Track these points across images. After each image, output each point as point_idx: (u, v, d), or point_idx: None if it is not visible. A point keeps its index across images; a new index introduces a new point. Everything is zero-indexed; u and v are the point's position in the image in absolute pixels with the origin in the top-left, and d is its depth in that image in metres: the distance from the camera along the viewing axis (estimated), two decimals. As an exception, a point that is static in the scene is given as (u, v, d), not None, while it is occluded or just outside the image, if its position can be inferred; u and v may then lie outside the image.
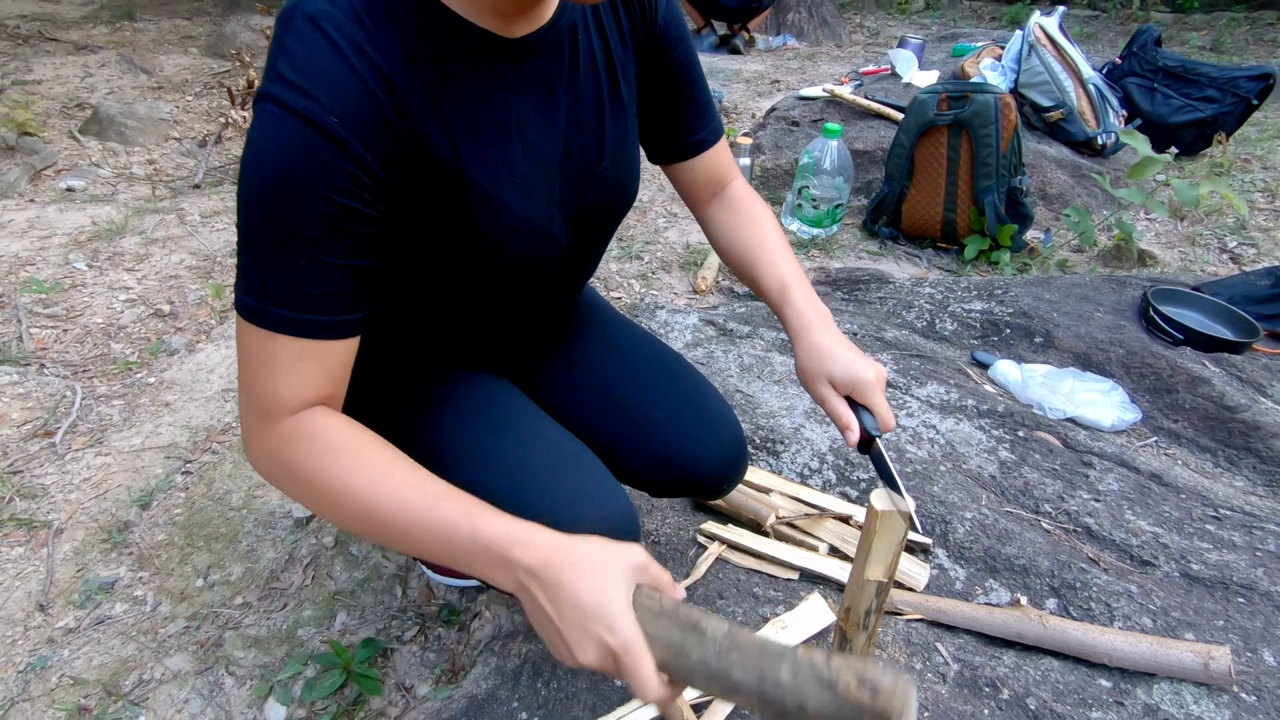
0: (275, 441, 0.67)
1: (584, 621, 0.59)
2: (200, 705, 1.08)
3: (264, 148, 0.61)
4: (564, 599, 0.59)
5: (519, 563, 0.61)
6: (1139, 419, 1.55)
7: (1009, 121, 2.22)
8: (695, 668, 0.58)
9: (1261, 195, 2.88)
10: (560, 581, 0.60)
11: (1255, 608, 1.06)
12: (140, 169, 2.84)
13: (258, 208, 0.62)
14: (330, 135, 0.61)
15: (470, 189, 0.71)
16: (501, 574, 0.62)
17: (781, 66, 4.69)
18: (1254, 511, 1.26)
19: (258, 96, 0.63)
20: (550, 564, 0.60)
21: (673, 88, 0.92)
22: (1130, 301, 1.88)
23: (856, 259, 2.41)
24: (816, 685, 0.54)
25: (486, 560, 0.62)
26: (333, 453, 0.67)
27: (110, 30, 4.46)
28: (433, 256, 0.76)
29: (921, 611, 1.04)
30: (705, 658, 0.57)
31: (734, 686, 0.57)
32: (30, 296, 1.97)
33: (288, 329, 0.65)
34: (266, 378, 0.67)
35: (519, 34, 0.71)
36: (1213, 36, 5.32)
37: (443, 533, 0.63)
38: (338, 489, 0.65)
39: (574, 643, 0.59)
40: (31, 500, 1.40)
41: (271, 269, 0.64)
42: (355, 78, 0.62)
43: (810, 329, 0.86)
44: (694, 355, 1.70)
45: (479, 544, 0.62)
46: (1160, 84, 3.18)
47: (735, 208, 0.99)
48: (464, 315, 0.89)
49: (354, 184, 0.63)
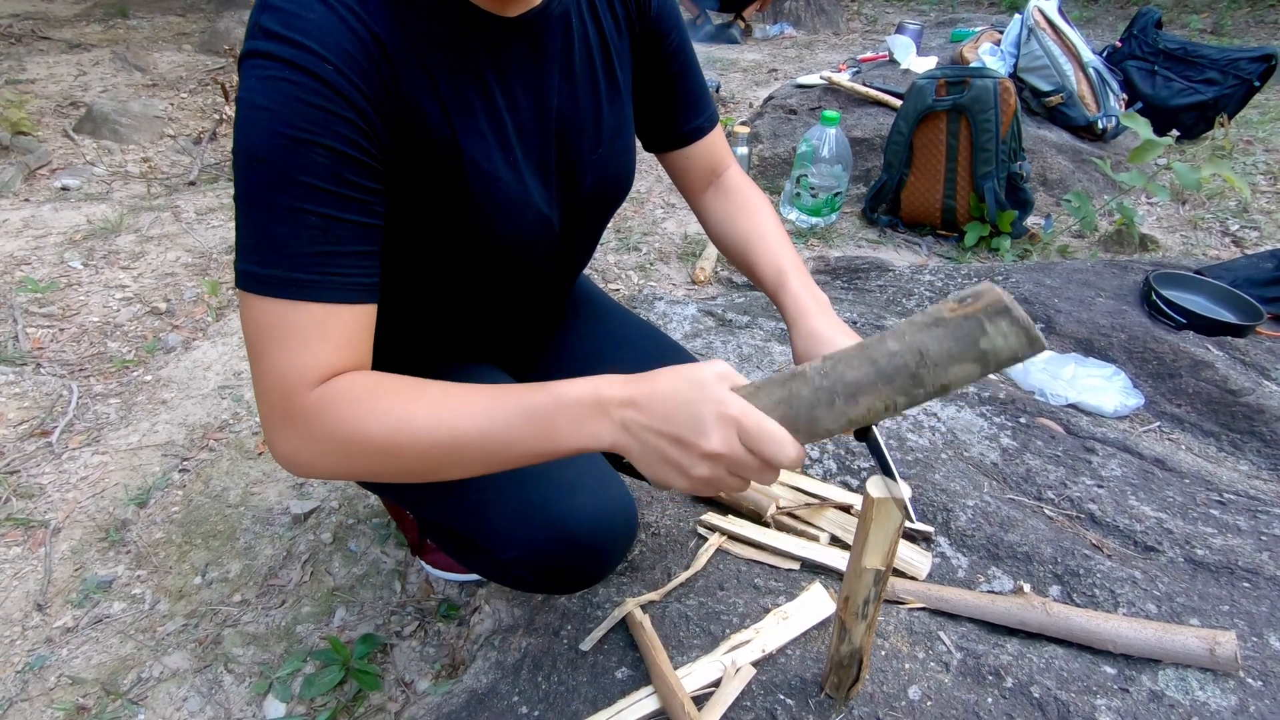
0: (308, 418, 0.61)
1: (697, 411, 0.56)
2: (199, 703, 1.07)
3: (256, 102, 0.58)
4: (669, 404, 0.57)
5: (614, 399, 0.58)
6: (1142, 404, 1.54)
7: (1008, 106, 2.20)
8: (813, 400, 0.56)
9: (1264, 177, 2.85)
10: (657, 392, 0.58)
11: (1261, 592, 1.05)
12: (135, 167, 2.83)
13: (257, 167, 0.59)
14: (326, 81, 0.58)
15: (464, 160, 0.70)
16: (599, 421, 0.59)
17: (779, 55, 4.66)
18: (1258, 495, 1.25)
19: (243, 56, 0.60)
20: (643, 389, 0.59)
21: (667, 75, 0.91)
22: (1132, 286, 1.86)
23: (856, 247, 2.40)
24: (925, 331, 0.53)
25: (579, 415, 0.59)
26: (383, 394, 0.62)
27: (103, 28, 4.44)
28: (425, 242, 0.74)
29: (924, 600, 1.04)
30: (816, 387, 0.56)
31: (855, 388, 0.55)
32: (26, 296, 1.96)
33: (304, 293, 0.61)
34: (286, 353, 0.61)
35: (512, 13, 0.70)
36: (1213, 19, 5.28)
37: (525, 414, 0.60)
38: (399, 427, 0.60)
39: (696, 435, 0.56)
40: (29, 500, 1.39)
41: (279, 232, 0.60)
42: (348, 30, 0.60)
43: (807, 315, 0.84)
44: (693, 346, 1.69)
45: (567, 403, 0.59)
46: (1161, 67, 3.15)
47: (731, 196, 0.98)
48: (457, 305, 0.88)
49: (353, 131, 0.61)
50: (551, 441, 0.60)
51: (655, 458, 0.58)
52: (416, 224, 0.72)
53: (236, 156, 0.60)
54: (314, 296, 0.61)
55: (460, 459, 0.61)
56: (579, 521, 0.81)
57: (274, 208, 0.59)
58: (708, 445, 0.56)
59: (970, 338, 0.52)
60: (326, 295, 0.61)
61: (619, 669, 0.95)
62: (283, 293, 0.60)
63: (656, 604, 1.03)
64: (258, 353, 0.62)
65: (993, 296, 0.51)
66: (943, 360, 0.53)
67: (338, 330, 0.62)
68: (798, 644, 0.96)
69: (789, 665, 0.93)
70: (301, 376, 0.61)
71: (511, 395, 0.61)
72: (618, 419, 0.58)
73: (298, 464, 0.63)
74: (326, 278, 0.61)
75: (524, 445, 0.60)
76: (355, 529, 1.34)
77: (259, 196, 0.60)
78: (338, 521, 1.36)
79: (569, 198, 0.83)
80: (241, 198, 0.61)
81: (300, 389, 0.61)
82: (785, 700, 0.88)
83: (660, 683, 0.88)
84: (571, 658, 0.97)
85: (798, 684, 0.91)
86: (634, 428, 0.58)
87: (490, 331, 0.96)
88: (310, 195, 0.59)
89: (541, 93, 0.76)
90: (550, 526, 0.80)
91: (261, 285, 0.60)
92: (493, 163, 0.72)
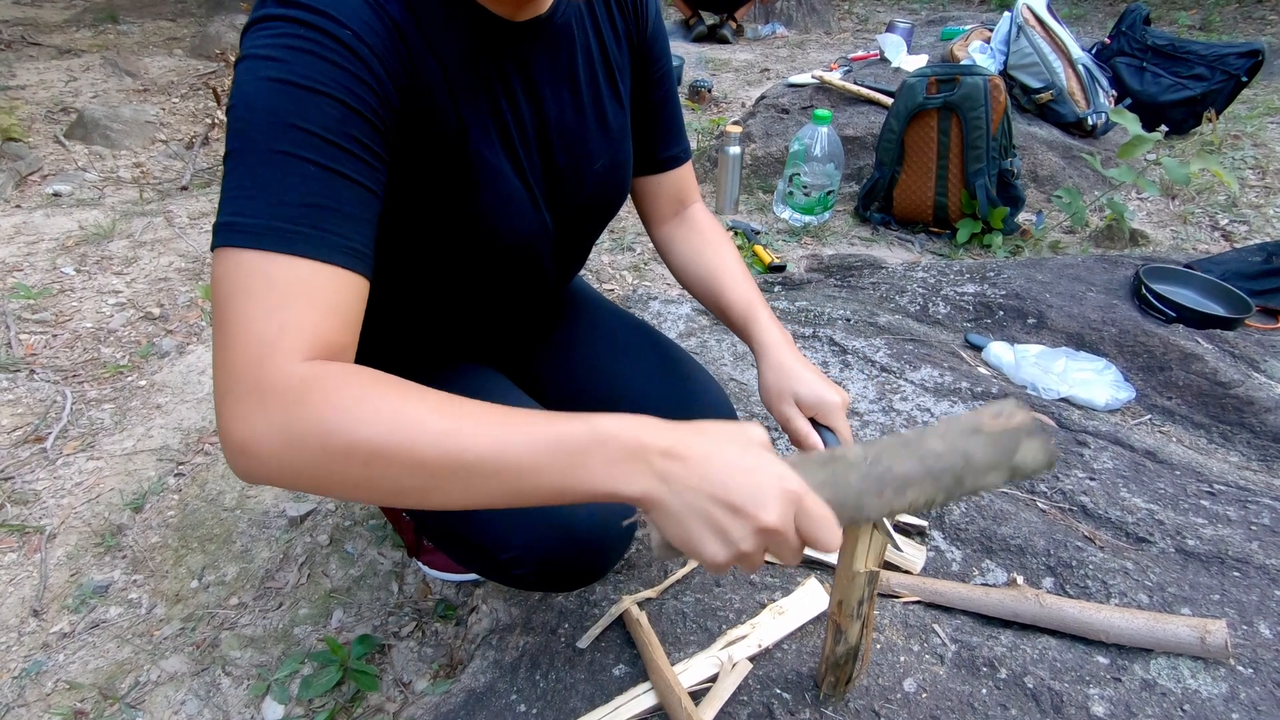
0: (284, 395, 0.49)
1: (756, 481, 0.51)
2: (197, 706, 1.07)
3: (263, 54, 0.53)
4: (726, 467, 0.51)
5: (655, 446, 0.51)
6: (1133, 397, 1.55)
7: (999, 104, 2.21)
8: (861, 488, 0.56)
9: (1252, 172, 2.87)
10: (712, 452, 0.52)
11: (1251, 581, 1.06)
12: (127, 172, 2.82)
13: (256, 113, 0.52)
14: (344, 43, 0.55)
15: (470, 154, 0.70)
16: (634, 467, 0.51)
17: (770, 55, 4.67)
18: (1248, 486, 1.26)
19: (250, 25, 0.56)
20: (690, 443, 0.52)
21: (653, 99, 0.93)
22: (1123, 281, 1.88)
23: (849, 245, 2.41)
24: (966, 438, 0.57)
25: (615, 455, 0.51)
26: (383, 387, 0.51)
27: (93, 33, 4.42)
28: (422, 234, 0.74)
29: (918, 594, 1.04)
30: (865, 475, 0.57)
31: (904, 482, 0.57)
32: (18, 302, 1.96)
33: (290, 245, 0.51)
34: (261, 311, 0.50)
35: (519, 18, 0.71)
36: (1201, 15, 5.31)
37: (554, 441, 0.51)
38: (399, 428, 0.49)
39: (756, 506, 0.50)
40: (23, 506, 1.39)
41: (267, 177, 0.52)
42: (368, 6, 0.58)
43: (778, 347, 0.87)
44: (688, 345, 1.70)
45: (604, 438, 0.51)
46: (1150, 63, 3.17)
47: (699, 229, 1.00)
48: (452, 303, 0.88)
49: (368, 94, 0.56)
50: (575, 479, 0.51)
51: (696, 520, 0.51)
52: (415, 214, 0.71)
53: (231, 110, 0.54)
54: (302, 251, 0.52)
55: (463, 481, 0.51)
56: (579, 519, 0.81)
57: (269, 153, 0.52)
58: (766, 519, 0.50)
59: (1008, 450, 0.57)
60: (316, 251, 0.52)
61: (616, 666, 0.95)
62: (263, 243, 0.51)
63: (653, 601, 1.03)
64: (225, 313, 0.50)
65: (1025, 417, 0.58)
66: (982, 467, 0.57)
67: (325, 294, 0.53)
68: (794, 638, 0.97)
69: (785, 660, 0.94)
70: (279, 340, 0.50)
71: (538, 417, 0.53)
72: (658, 469, 0.51)
73: (254, 456, 0.49)
74: (318, 232, 0.52)
75: (542, 476, 0.51)
76: (352, 531, 1.35)
77: (253, 141, 0.52)
78: (334, 524, 1.36)
79: (567, 204, 0.84)
80: (232, 149, 0.53)
81: (277, 355, 0.50)
82: (782, 694, 0.89)
83: (658, 679, 0.89)
84: (569, 655, 0.97)
85: (794, 678, 0.91)
86: (676, 483, 0.51)
87: (484, 331, 0.97)
88: (312, 144, 0.53)
89: (544, 99, 0.76)
90: (550, 525, 0.80)
91: (239, 235, 0.51)
92: (498, 159, 0.73)
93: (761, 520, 0.51)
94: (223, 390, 0.50)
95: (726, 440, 0.54)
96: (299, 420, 0.49)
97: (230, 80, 0.58)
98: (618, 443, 0.51)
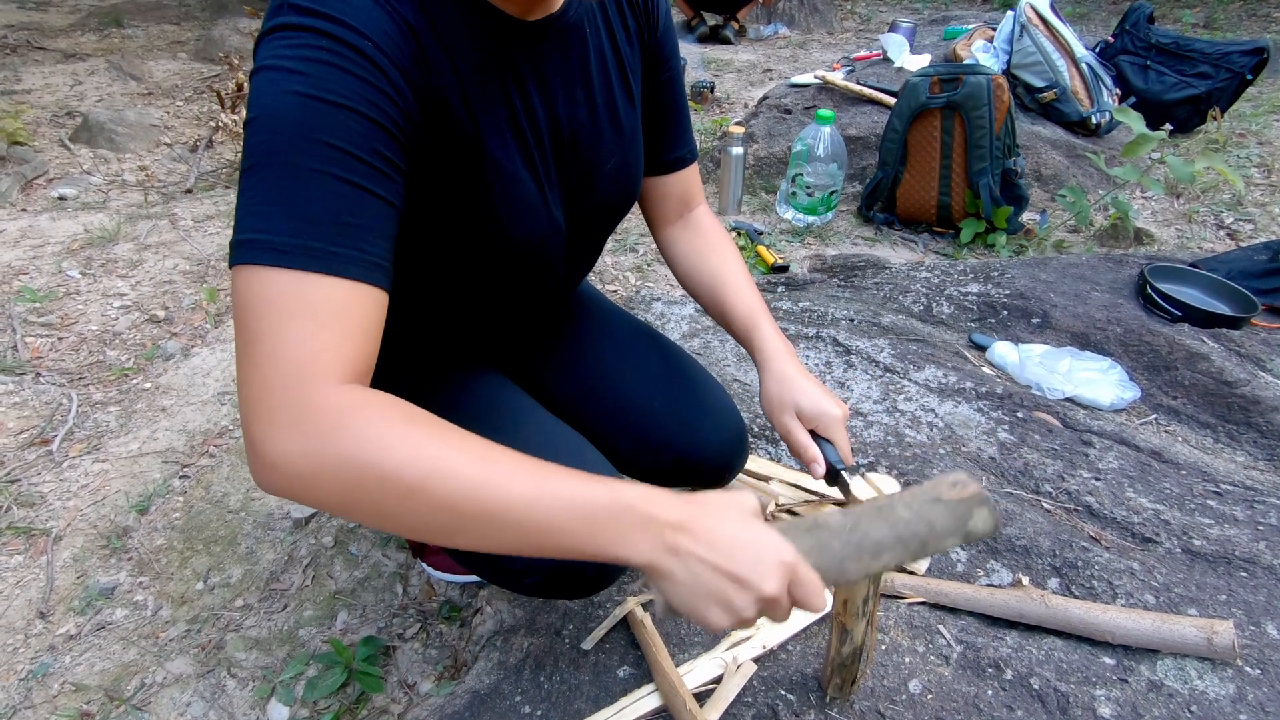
0: (322, 420, 0.50)
1: (757, 554, 0.55)
2: (203, 708, 1.07)
3: (285, 66, 0.53)
4: (732, 542, 0.55)
5: (665, 520, 0.55)
6: (1138, 397, 1.54)
7: (1002, 103, 2.21)
8: (843, 553, 0.62)
9: (1257, 170, 2.86)
10: (712, 527, 0.56)
11: (1258, 581, 1.06)
12: (132, 175, 2.83)
13: (280, 126, 0.52)
14: (364, 54, 0.55)
15: (485, 158, 0.70)
16: (644, 536, 0.55)
17: (773, 55, 4.67)
18: (1255, 486, 1.26)
19: (265, 34, 0.55)
20: (694, 514, 0.56)
21: (663, 101, 0.92)
22: (1127, 280, 1.87)
23: (852, 245, 2.40)
24: (930, 506, 0.64)
25: (631, 524, 0.54)
26: (422, 425, 0.53)
27: (98, 38, 4.44)
28: (435, 238, 0.74)
29: (923, 594, 1.04)
30: (846, 542, 0.62)
31: (879, 547, 0.62)
32: (24, 306, 1.96)
33: (325, 265, 0.51)
34: (298, 334, 0.50)
35: (531, 18, 0.71)
36: (1205, 13, 5.30)
37: (581, 506, 0.54)
38: (436, 468, 0.51)
39: (759, 578, 0.54)
40: (30, 508, 1.39)
41: (299, 194, 0.52)
42: (383, 11, 0.58)
43: (780, 357, 0.88)
44: (691, 346, 1.70)
45: (623, 508, 0.54)
46: (1154, 61, 3.16)
47: (703, 233, 1.00)
48: (461, 306, 0.88)
49: (390, 107, 0.57)
50: (593, 543, 0.54)
51: (703, 591, 0.55)
52: (427, 217, 0.71)
53: (252, 122, 0.53)
54: (337, 270, 0.52)
55: (488, 528, 0.53)
56: None
57: (296, 168, 0.52)
58: (767, 589, 0.55)
59: (962, 518, 0.64)
60: (348, 270, 0.52)
61: (621, 667, 0.95)
62: (296, 261, 0.50)
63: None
64: (255, 334, 0.50)
65: (976, 489, 0.65)
66: (942, 532, 0.64)
67: (358, 316, 0.53)
68: (798, 640, 0.97)
69: (789, 661, 0.94)
70: (316, 363, 0.50)
71: (566, 478, 0.55)
72: (669, 541, 0.54)
73: (285, 476, 0.50)
74: (350, 251, 0.53)
75: (564, 537, 0.54)
76: (356, 532, 1.35)
77: (278, 154, 0.52)
78: (338, 525, 1.36)
79: (578, 204, 0.83)
80: (255, 163, 0.52)
81: (317, 379, 0.50)
82: (786, 695, 0.89)
83: (662, 680, 0.89)
84: (573, 657, 0.97)
85: (798, 679, 0.91)
86: (686, 555, 0.55)
87: (491, 332, 0.97)
88: (341, 160, 0.53)
89: (557, 99, 0.76)
90: None
91: (270, 254, 0.50)
92: (513, 163, 0.72)
93: (763, 591, 0.55)
94: (255, 405, 0.51)
95: (726, 510, 0.58)
96: (336, 448, 0.50)
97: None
98: (634, 514, 0.55)
